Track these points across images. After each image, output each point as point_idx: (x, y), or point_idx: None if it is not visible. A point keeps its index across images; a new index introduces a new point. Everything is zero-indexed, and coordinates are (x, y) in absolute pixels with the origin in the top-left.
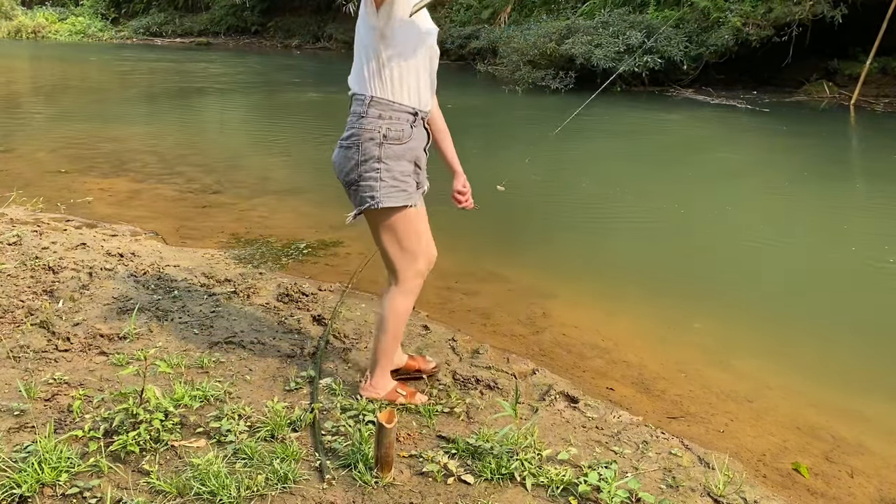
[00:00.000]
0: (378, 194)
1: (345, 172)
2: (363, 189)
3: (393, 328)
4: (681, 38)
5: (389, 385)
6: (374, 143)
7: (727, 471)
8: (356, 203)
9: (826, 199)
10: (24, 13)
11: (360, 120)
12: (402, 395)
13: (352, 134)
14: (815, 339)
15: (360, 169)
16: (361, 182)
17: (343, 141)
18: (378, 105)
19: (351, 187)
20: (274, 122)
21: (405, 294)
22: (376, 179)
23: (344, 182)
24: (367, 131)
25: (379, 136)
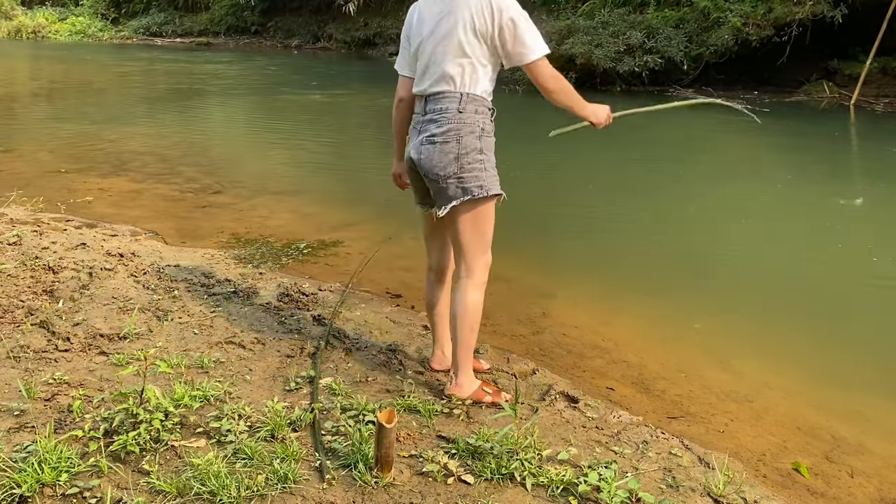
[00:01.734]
0: (486, 183)
1: (442, 166)
2: (468, 180)
3: (470, 322)
4: (681, 38)
5: (475, 384)
6: (474, 136)
7: (727, 471)
8: (456, 195)
9: (826, 199)
10: (24, 13)
11: (459, 115)
12: (489, 393)
13: (449, 129)
14: (815, 340)
15: (463, 161)
16: (464, 174)
17: (436, 137)
18: (474, 101)
19: (449, 180)
20: (274, 122)
21: (477, 287)
22: (482, 169)
23: (439, 176)
24: (468, 125)
25: (478, 130)
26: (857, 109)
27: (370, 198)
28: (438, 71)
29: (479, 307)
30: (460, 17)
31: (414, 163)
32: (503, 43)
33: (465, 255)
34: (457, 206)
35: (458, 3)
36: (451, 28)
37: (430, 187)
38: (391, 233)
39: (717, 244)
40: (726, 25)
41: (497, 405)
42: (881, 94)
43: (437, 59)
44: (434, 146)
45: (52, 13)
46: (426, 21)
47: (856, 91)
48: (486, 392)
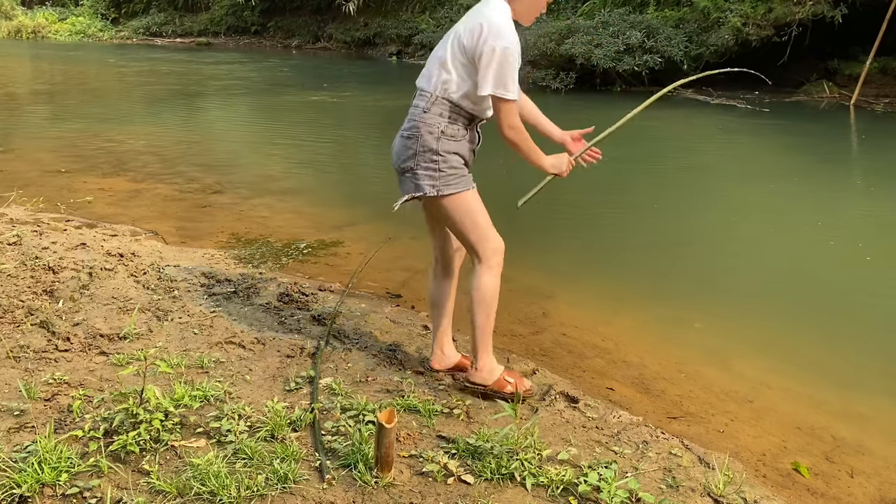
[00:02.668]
0: (438, 183)
1: (402, 159)
2: (421, 177)
3: (486, 306)
4: (681, 38)
5: (497, 371)
6: (433, 137)
7: (727, 471)
8: (409, 190)
9: (826, 198)
10: (24, 13)
11: (423, 114)
12: (510, 382)
13: (413, 126)
14: (815, 340)
15: (419, 158)
16: (419, 170)
17: (404, 131)
18: (443, 104)
19: (405, 174)
20: (274, 122)
21: (489, 270)
22: (435, 170)
23: (399, 168)
24: (428, 125)
25: (437, 132)
26: (857, 109)
27: (370, 198)
28: (426, 70)
29: (494, 291)
30: (461, 29)
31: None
32: (479, 66)
33: (466, 243)
34: (420, 200)
35: (468, 17)
36: (450, 37)
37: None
38: (391, 233)
39: (717, 244)
40: (726, 25)
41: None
42: (881, 94)
43: (431, 60)
44: (401, 139)
45: (52, 13)
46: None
47: (856, 91)
48: (507, 381)
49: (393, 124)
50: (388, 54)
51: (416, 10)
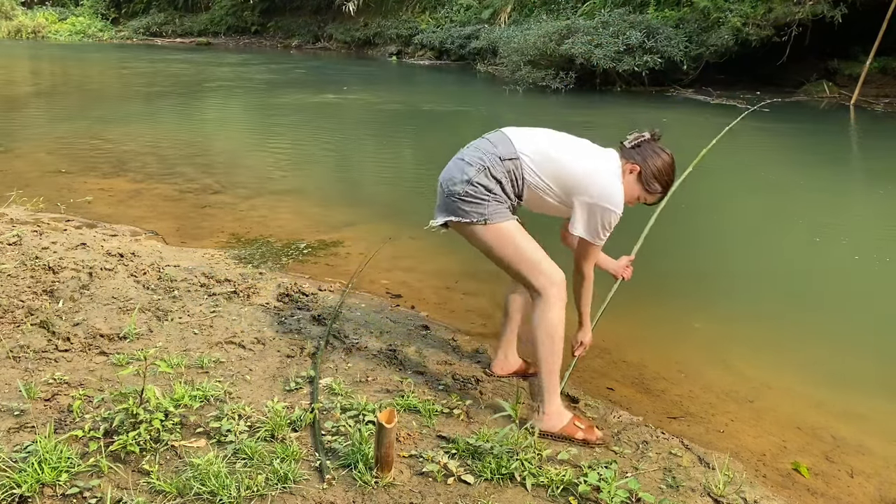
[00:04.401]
0: (486, 212)
1: (454, 182)
2: (470, 204)
3: (550, 343)
4: (681, 38)
5: (566, 416)
6: (493, 181)
7: (727, 471)
8: (453, 213)
9: (826, 198)
10: (24, 13)
11: (496, 159)
12: (581, 428)
13: (480, 160)
14: (815, 340)
15: (471, 187)
16: (467, 198)
17: (467, 157)
18: (515, 167)
19: (452, 197)
20: (274, 122)
21: (551, 304)
22: (486, 200)
23: (447, 190)
24: (494, 169)
25: (496, 179)
26: (858, 109)
27: (370, 198)
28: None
29: (558, 325)
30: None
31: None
32: (576, 205)
33: (519, 278)
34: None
35: (589, 149)
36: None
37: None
38: (391, 233)
39: (716, 244)
40: (726, 25)
41: (588, 443)
42: (881, 94)
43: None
44: (460, 162)
45: (52, 13)
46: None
47: (856, 91)
48: (578, 427)
49: (393, 124)
50: (388, 54)
51: (416, 10)
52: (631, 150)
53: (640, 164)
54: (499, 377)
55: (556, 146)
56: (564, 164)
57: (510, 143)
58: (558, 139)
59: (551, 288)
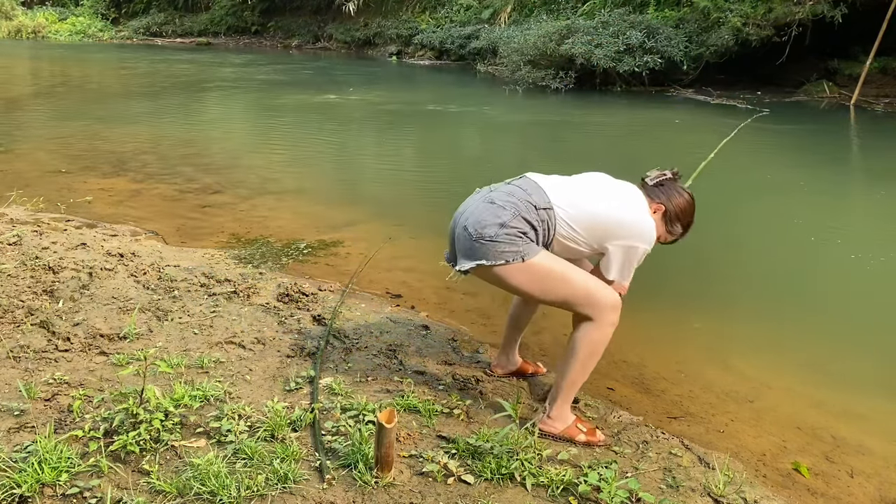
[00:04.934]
0: (521, 250)
1: (483, 225)
2: (503, 245)
3: (586, 360)
4: (681, 38)
5: (569, 419)
6: (527, 226)
7: (727, 471)
8: (484, 257)
9: (826, 199)
10: (24, 13)
11: (529, 207)
12: (583, 431)
13: (513, 205)
14: (815, 340)
15: (504, 231)
16: (500, 239)
17: (498, 201)
18: (547, 217)
19: (481, 241)
20: (274, 122)
21: (602, 326)
22: (521, 240)
23: (475, 234)
24: (525, 214)
25: (528, 225)
26: (858, 109)
27: (370, 198)
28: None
29: (600, 346)
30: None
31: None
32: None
33: (572, 308)
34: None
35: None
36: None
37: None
38: (391, 233)
39: (716, 244)
40: (726, 25)
41: (590, 445)
42: (881, 94)
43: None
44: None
45: (52, 13)
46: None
47: (856, 91)
48: (579, 430)
49: (393, 124)
50: (388, 54)
51: (416, 10)
52: (654, 188)
53: (664, 203)
54: (499, 377)
55: (587, 196)
56: (599, 213)
57: (543, 192)
58: (587, 187)
59: (605, 312)
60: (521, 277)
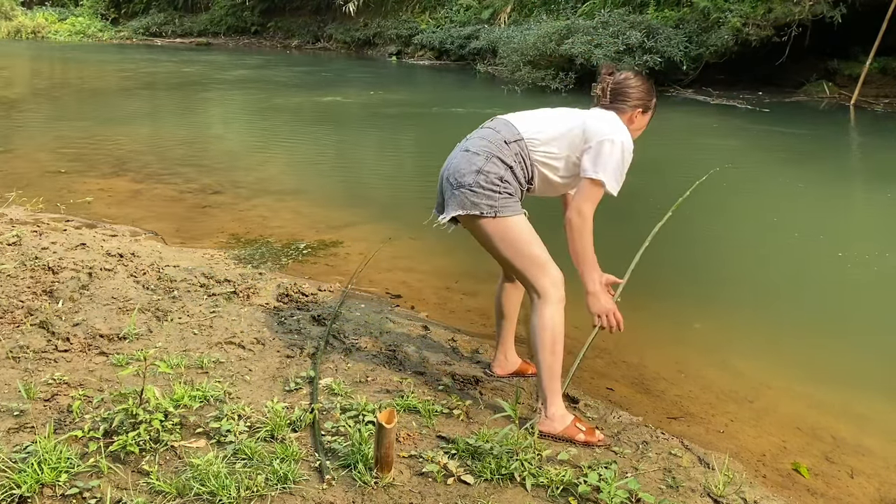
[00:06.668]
0: (497, 204)
1: (461, 173)
2: (480, 196)
3: (550, 343)
4: (681, 39)
5: (567, 419)
6: (503, 166)
7: (727, 471)
8: (462, 206)
9: (826, 199)
10: (24, 13)
11: (503, 144)
12: (582, 431)
13: (486, 147)
14: (815, 340)
15: (481, 176)
16: (477, 188)
17: (472, 147)
18: (521, 149)
19: (460, 189)
20: (274, 122)
21: (550, 304)
22: (497, 192)
23: (454, 182)
24: (503, 155)
25: (506, 165)
26: (857, 109)
27: (370, 198)
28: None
29: (557, 325)
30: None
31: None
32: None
33: (520, 276)
34: (476, 225)
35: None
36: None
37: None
38: (391, 233)
39: (716, 244)
40: (726, 25)
41: (590, 445)
42: (881, 94)
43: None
44: (465, 153)
45: (52, 13)
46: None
47: (856, 91)
48: (579, 429)
49: (393, 124)
50: (388, 54)
51: (416, 10)
52: (614, 101)
53: (636, 105)
54: (499, 377)
55: (553, 118)
56: (568, 127)
57: (512, 126)
58: (555, 112)
59: (552, 289)
60: (490, 230)
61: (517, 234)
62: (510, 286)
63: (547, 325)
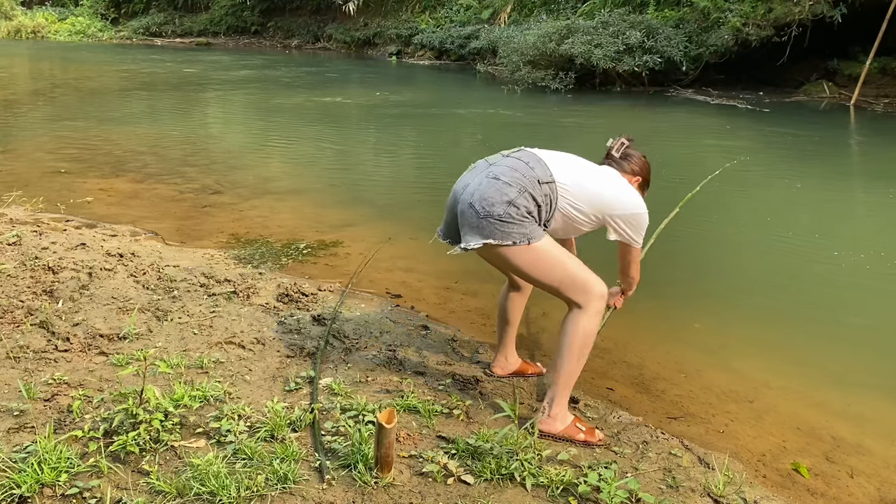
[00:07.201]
0: (528, 231)
1: (490, 203)
2: (511, 225)
3: (578, 351)
4: (681, 38)
5: (569, 419)
6: (532, 203)
7: (727, 471)
8: (488, 235)
9: (826, 199)
10: (24, 13)
11: (535, 182)
12: (582, 430)
13: (519, 180)
14: (815, 340)
15: (513, 209)
16: (507, 220)
17: (503, 177)
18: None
19: (488, 219)
20: (274, 122)
21: (589, 315)
22: (528, 221)
23: (482, 211)
24: (531, 191)
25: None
26: (857, 109)
27: (370, 198)
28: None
29: (590, 336)
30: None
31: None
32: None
33: (562, 295)
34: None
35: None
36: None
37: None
38: (391, 233)
39: (716, 244)
40: (726, 25)
41: (590, 445)
42: (881, 94)
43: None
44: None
45: (52, 13)
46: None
47: (856, 91)
48: (579, 429)
49: (392, 124)
50: (388, 54)
51: (416, 10)
52: (622, 160)
53: (639, 173)
54: (499, 377)
55: (585, 173)
56: (600, 190)
57: (545, 165)
58: (582, 165)
59: (595, 301)
60: (523, 259)
61: (554, 257)
62: (516, 294)
63: (580, 334)
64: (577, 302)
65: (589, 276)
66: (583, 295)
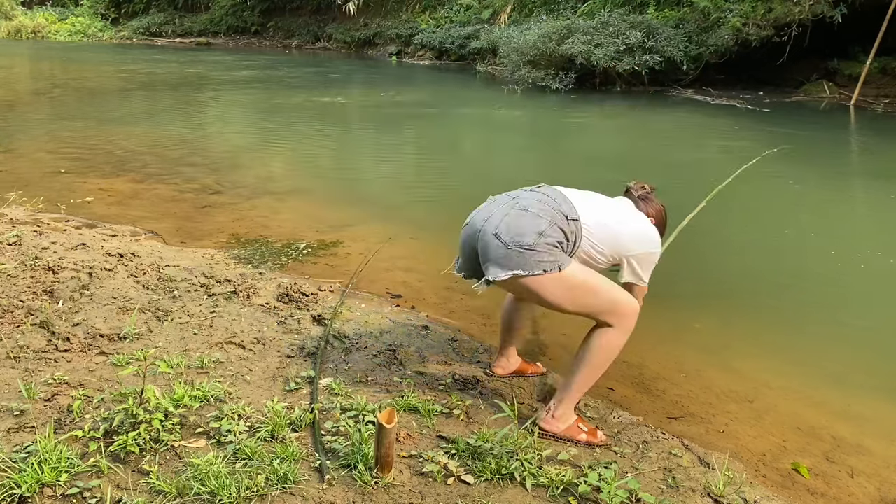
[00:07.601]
0: (558, 259)
1: (520, 233)
2: (542, 255)
3: (600, 363)
4: (681, 38)
5: (572, 419)
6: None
7: (727, 471)
8: (518, 266)
9: (826, 199)
10: (24, 13)
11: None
12: (584, 431)
13: (550, 213)
14: (815, 339)
15: (543, 239)
16: (538, 249)
17: (532, 209)
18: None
19: (518, 248)
20: (274, 122)
21: (620, 333)
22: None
23: (511, 242)
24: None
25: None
26: (858, 109)
27: (370, 198)
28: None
29: (615, 352)
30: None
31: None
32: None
33: (596, 317)
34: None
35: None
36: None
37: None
38: (391, 233)
39: (716, 244)
40: (726, 25)
41: (591, 445)
42: (881, 94)
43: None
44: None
45: (52, 13)
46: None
47: (856, 91)
48: (581, 430)
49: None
50: (388, 54)
51: (416, 10)
52: (640, 199)
53: (654, 216)
54: (499, 377)
55: (609, 214)
56: (622, 232)
57: (570, 203)
58: (602, 203)
59: (627, 319)
60: (554, 287)
61: (582, 284)
62: (522, 304)
63: (606, 347)
64: (609, 322)
65: (620, 296)
66: (615, 317)
